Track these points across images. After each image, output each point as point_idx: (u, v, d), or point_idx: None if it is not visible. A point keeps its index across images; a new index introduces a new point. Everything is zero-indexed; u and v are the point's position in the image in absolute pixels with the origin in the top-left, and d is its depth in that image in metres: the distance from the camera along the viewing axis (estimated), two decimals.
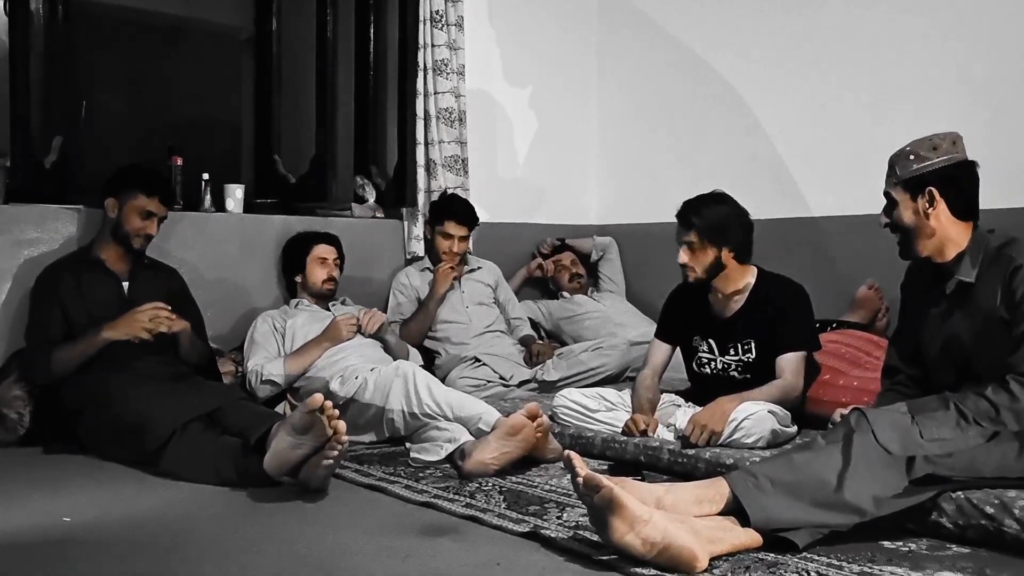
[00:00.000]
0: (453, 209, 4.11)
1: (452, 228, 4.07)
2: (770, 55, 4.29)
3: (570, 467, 1.96)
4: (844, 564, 1.92)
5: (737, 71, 4.43)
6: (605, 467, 2.81)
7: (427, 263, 4.20)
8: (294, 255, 3.84)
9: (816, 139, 4.11)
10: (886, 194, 2.42)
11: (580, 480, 1.92)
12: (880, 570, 1.88)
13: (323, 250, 3.79)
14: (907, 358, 2.54)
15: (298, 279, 3.81)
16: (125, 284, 3.27)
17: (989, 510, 2.02)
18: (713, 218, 2.89)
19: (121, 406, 2.85)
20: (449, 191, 4.28)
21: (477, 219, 4.17)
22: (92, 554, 2.06)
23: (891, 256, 3.78)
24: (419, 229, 4.34)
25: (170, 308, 3.11)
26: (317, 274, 3.76)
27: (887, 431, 2.08)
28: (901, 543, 2.06)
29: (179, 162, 3.90)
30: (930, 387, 2.45)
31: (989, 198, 3.53)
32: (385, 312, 3.86)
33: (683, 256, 2.94)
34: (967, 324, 2.33)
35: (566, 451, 2.06)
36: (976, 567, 1.92)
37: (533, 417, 2.73)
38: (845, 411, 2.38)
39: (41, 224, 3.47)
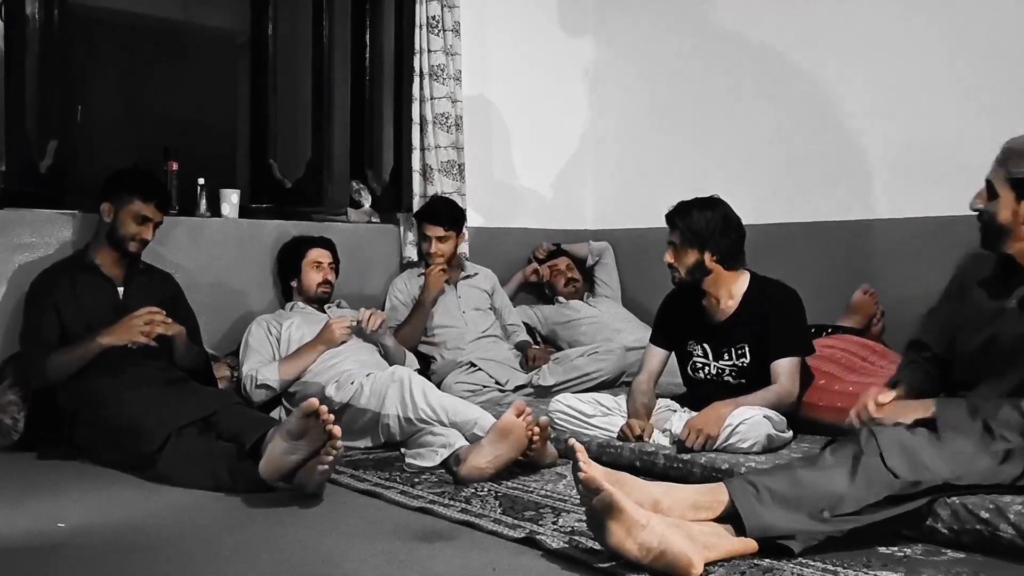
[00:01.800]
0: (427, 211, 4.13)
1: (427, 229, 4.09)
2: (766, 59, 4.30)
3: (573, 458, 1.94)
4: (839, 570, 1.92)
5: (733, 76, 4.44)
6: None
7: (423, 268, 4.20)
8: (289, 260, 3.84)
9: (812, 143, 4.12)
10: (988, 183, 2.27)
11: (582, 474, 1.91)
12: (875, 575, 1.89)
13: (317, 254, 3.79)
14: (938, 336, 2.48)
15: (293, 284, 3.81)
16: (120, 289, 3.26)
17: (984, 515, 2.02)
18: (696, 222, 2.91)
19: (116, 411, 2.85)
20: (445, 196, 4.28)
21: (458, 220, 4.16)
22: (86, 559, 2.05)
23: (886, 261, 3.81)
24: (414, 234, 4.34)
25: (165, 312, 3.11)
26: (312, 279, 3.76)
27: (896, 456, 2.04)
28: (896, 548, 2.06)
29: (175, 167, 3.89)
30: (952, 371, 2.41)
31: None
32: None
33: (667, 256, 2.99)
34: (1019, 330, 2.24)
35: (570, 440, 2.05)
36: (971, 572, 1.92)
37: (520, 413, 2.72)
38: (871, 409, 2.29)
39: (36, 228, 3.47)
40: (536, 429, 2.76)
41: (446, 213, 4.10)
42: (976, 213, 2.31)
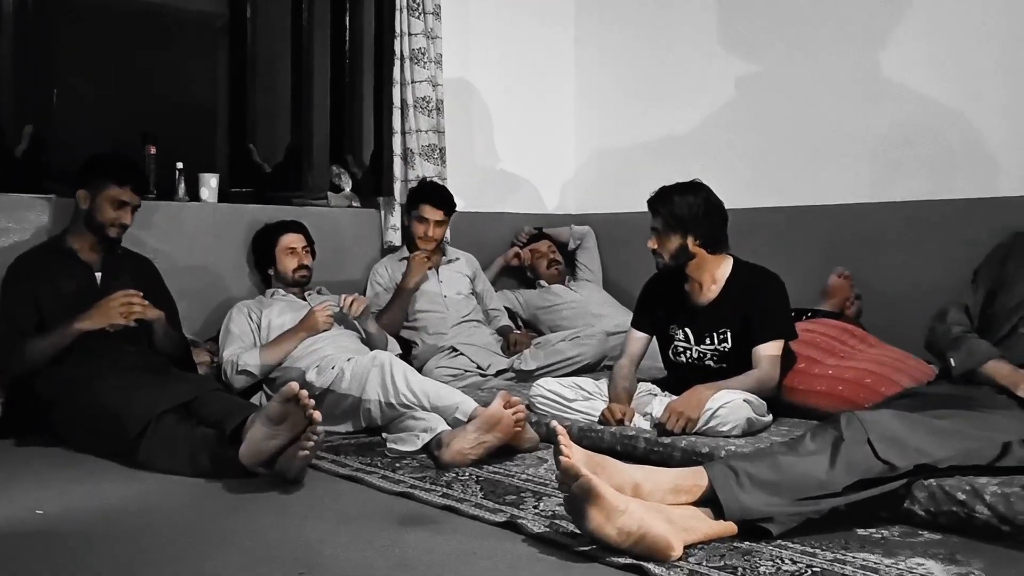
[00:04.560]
0: (428, 193, 4.11)
1: (428, 212, 4.06)
2: (748, 43, 4.30)
3: (555, 441, 1.93)
4: (818, 551, 1.93)
5: (714, 60, 4.44)
6: None
7: (404, 253, 4.19)
8: (262, 249, 3.82)
9: (792, 128, 4.13)
10: None
11: (563, 458, 1.91)
12: (853, 557, 1.90)
13: (290, 239, 3.77)
14: (981, 299, 2.55)
15: (270, 272, 3.80)
16: (98, 274, 3.23)
17: (960, 496, 2.04)
18: (679, 207, 2.91)
19: (96, 397, 2.82)
20: (427, 180, 4.26)
21: (454, 205, 4.15)
22: (66, 546, 2.04)
23: (866, 245, 3.83)
24: (396, 218, 4.32)
25: (142, 295, 3.08)
26: (288, 264, 3.74)
27: (888, 447, 2.03)
28: (874, 530, 2.08)
29: (153, 151, 3.86)
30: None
31: (982, 187, 3.53)
32: None
33: (651, 242, 2.99)
34: None
35: (553, 422, 2.04)
36: (947, 553, 1.94)
37: (508, 404, 2.74)
38: None
39: (12, 214, 3.43)
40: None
41: (447, 197, 4.10)
42: None
